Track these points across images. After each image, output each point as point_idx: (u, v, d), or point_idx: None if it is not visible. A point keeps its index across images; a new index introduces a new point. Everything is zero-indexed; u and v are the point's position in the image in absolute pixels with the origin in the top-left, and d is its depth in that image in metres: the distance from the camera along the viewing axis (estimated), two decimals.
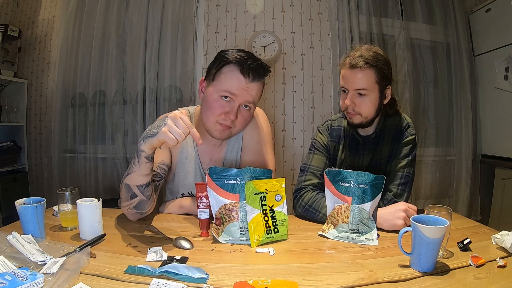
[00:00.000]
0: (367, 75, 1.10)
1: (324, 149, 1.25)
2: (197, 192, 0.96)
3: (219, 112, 1.04)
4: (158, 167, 1.14)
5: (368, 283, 0.69)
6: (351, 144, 1.24)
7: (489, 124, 2.60)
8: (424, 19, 2.58)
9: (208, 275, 0.70)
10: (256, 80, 1.05)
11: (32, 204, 0.88)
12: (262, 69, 1.05)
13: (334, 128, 1.27)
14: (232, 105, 1.04)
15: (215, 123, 1.06)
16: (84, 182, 2.49)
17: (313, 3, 2.52)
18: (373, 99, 1.13)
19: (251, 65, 1.02)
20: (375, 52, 1.12)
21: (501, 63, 2.36)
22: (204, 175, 1.17)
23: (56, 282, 0.63)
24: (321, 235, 0.97)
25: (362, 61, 1.08)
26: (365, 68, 1.09)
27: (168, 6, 2.43)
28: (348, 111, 1.16)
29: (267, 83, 2.48)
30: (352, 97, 1.12)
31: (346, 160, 1.24)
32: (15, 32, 2.43)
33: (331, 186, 0.99)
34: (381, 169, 1.18)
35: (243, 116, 1.07)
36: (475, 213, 2.66)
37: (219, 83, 1.04)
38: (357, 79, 1.10)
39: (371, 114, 1.14)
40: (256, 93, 1.07)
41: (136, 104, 2.46)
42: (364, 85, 1.10)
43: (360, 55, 1.10)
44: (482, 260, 0.76)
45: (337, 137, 1.26)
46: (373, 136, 1.21)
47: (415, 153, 1.19)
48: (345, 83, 1.14)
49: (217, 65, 1.06)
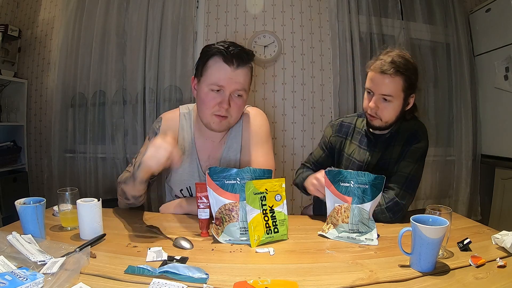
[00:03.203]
0: (395, 82, 1.11)
1: (324, 144, 1.36)
2: (197, 192, 0.96)
3: (212, 104, 1.08)
4: None
5: (368, 283, 0.69)
6: (362, 140, 1.27)
7: (489, 124, 2.60)
8: (424, 19, 2.57)
9: (208, 275, 0.70)
10: (241, 67, 1.07)
11: (32, 204, 0.88)
12: (245, 54, 1.06)
13: (344, 124, 1.33)
14: (223, 95, 1.07)
15: (211, 116, 1.09)
16: (84, 182, 2.49)
17: (313, 3, 2.52)
18: (396, 106, 1.15)
19: (232, 52, 1.04)
20: (406, 60, 1.13)
21: (501, 63, 2.36)
22: (202, 172, 1.19)
23: (56, 282, 0.63)
24: (321, 235, 0.97)
25: (393, 68, 1.10)
26: (395, 75, 1.10)
27: (168, 6, 2.43)
28: (370, 113, 1.17)
29: (267, 83, 2.51)
30: (377, 101, 1.14)
31: (353, 155, 1.27)
32: (15, 32, 2.44)
33: (331, 186, 0.99)
34: (389, 169, 1.19)
35: (236, 104, 1.10)
36: (475, 213, 2.66)
37: (207, 77, 1.08)
38: (385, 84, 1.12)
39: (391, 120, 1.17)
40: (244, 79, 1.08)
41: (136, 104, 2.46)
42: (390, 92, 1.12)
43: (392, 61, 1.11)
44: (482, 260, 0.77)
45: (345, 133, 1.32)
46: (386, 136, 1.22)
47: (424, 160, 1.19)
48: (372, 86, 1.15)
49: (203, 60, 1.09)
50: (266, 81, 2.52)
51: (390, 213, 1.08)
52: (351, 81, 2.48)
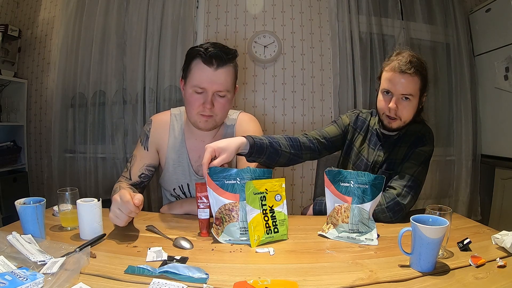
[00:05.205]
0: (414, 81, 1.13)
1: (342, 126, 1.32)
2: (197, 192, 0.96)
3: (196, 105, 1.10)
4: (146, 169, 1.22)
5: (368, 283, 0.69)
6: (371, 139, 1.28)
7: (489, 124, 2.60)
8: (424, 19, 2.58)
9: (208, 275, 0.70)
10: (221, 67, 1.07)
11: (32, 204, 0.88)
12: (224, 54, 1.07)
13: (360, 118, 1.33)
14: (206, 96, 1.09)
15: (197, 115, 1.12)
16: (84, 182, 2.49)
17: (313, 3, 2.52)
18: (414, 105, 1.16)
19: (211, 53, 1.05)
20: (420, 60, 1.14)
21: (501, 63, 2.36)
22: (193, 171, 1.22)
23: (56, 282, 0.63)
24: (321, 235, 0.97)
25: (413, 68, 1.11)
26: (414, 75, 1.12)
27: (168, 6, 2.43)
28: (390, 115, 1.17)
29: (267, 83, 2.51)
30: (397, 101, 1.15)
31: (362, 153, 1.28)
32: (15, 32, 2.43)
33: (331, 186, 0.99)
34: (394, 170, 1.20)
35: (220, 103, 1.11)
36: (475, 213, 2.66)
37: (190, 79, 1.10)
38: (405, 84, 1.12)
39: (409, 119, 1.18)
40: (224, 79, 1.09)
41: (136, 104, 2.46)
42: (411, 91, 1.13)
43: (409, 61, 1.12)
44: (482, 260, 0.77)
45: (360, 127, 1.32)
46: (395, 137, 1.23)
47: (428, 164, 1.20)
48: (392, 86, 1.15)
49: (186, 62, 1.12)
50: (266, 81, 2.52)
51: (390, 213, 1.08)
52: (351, 81, 2.48)
